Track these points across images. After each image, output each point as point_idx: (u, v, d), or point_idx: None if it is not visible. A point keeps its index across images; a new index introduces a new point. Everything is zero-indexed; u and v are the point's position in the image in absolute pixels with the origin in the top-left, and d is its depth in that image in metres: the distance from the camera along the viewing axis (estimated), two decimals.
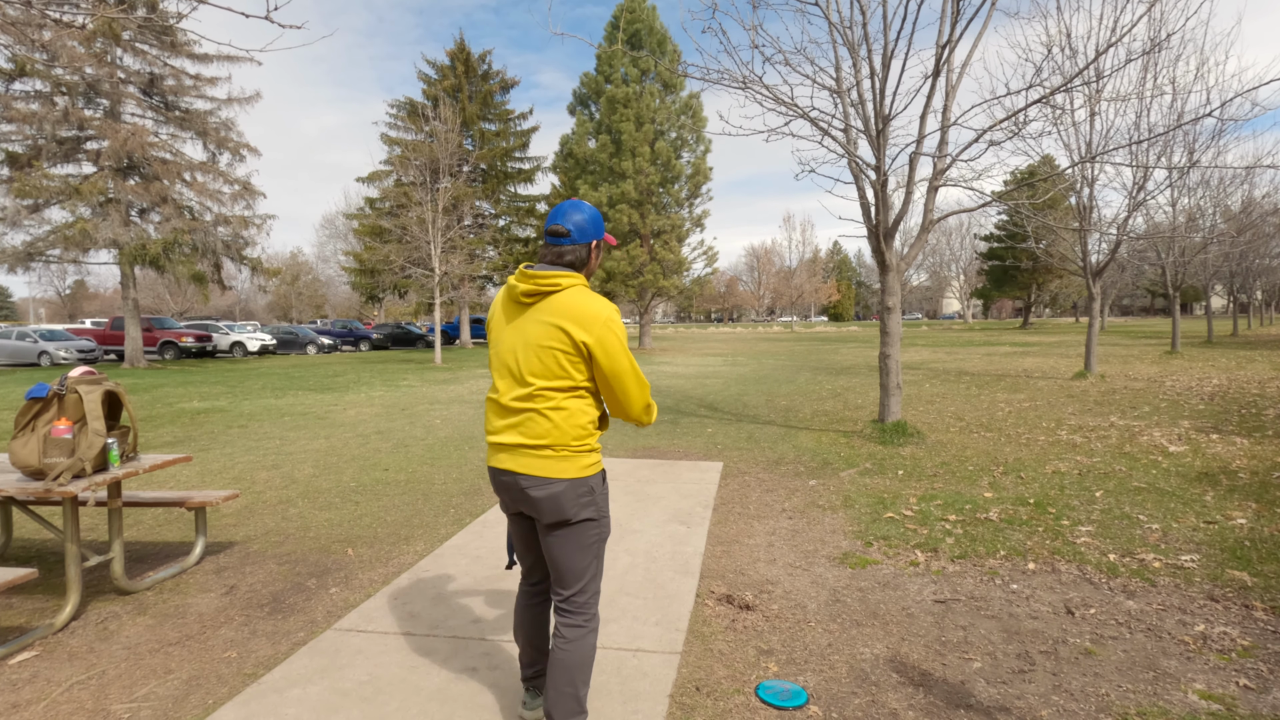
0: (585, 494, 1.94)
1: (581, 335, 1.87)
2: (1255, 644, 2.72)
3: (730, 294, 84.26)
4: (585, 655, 1.98)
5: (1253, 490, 4.88)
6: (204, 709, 2.37)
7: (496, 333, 2.03)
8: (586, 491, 1.94)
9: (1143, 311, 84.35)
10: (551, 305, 1.92)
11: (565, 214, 2.02)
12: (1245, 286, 27.53)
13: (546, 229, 2.02)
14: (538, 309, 1.94)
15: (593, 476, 1.96)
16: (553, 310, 1.91)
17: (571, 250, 2.02)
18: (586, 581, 2.00)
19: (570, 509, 1.92)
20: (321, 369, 19.30)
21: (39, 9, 3.90)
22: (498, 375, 2.01)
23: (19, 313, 75.00)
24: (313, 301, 60.19)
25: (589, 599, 2.02)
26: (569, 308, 1.89)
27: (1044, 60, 7.32)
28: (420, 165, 22.41)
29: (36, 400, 3.03)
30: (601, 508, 2.00)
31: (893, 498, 4.90)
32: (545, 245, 2.03)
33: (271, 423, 8.92)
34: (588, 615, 2.00)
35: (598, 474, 1.99)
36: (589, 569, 2.00)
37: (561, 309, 1.90)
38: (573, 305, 1.90)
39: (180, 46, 19.72)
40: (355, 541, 4.14)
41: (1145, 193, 12.01)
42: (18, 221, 17.98)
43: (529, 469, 1.92)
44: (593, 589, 2.03)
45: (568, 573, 1.99)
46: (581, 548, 1.97)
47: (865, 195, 7.18)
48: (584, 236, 2.02)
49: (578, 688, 1.96)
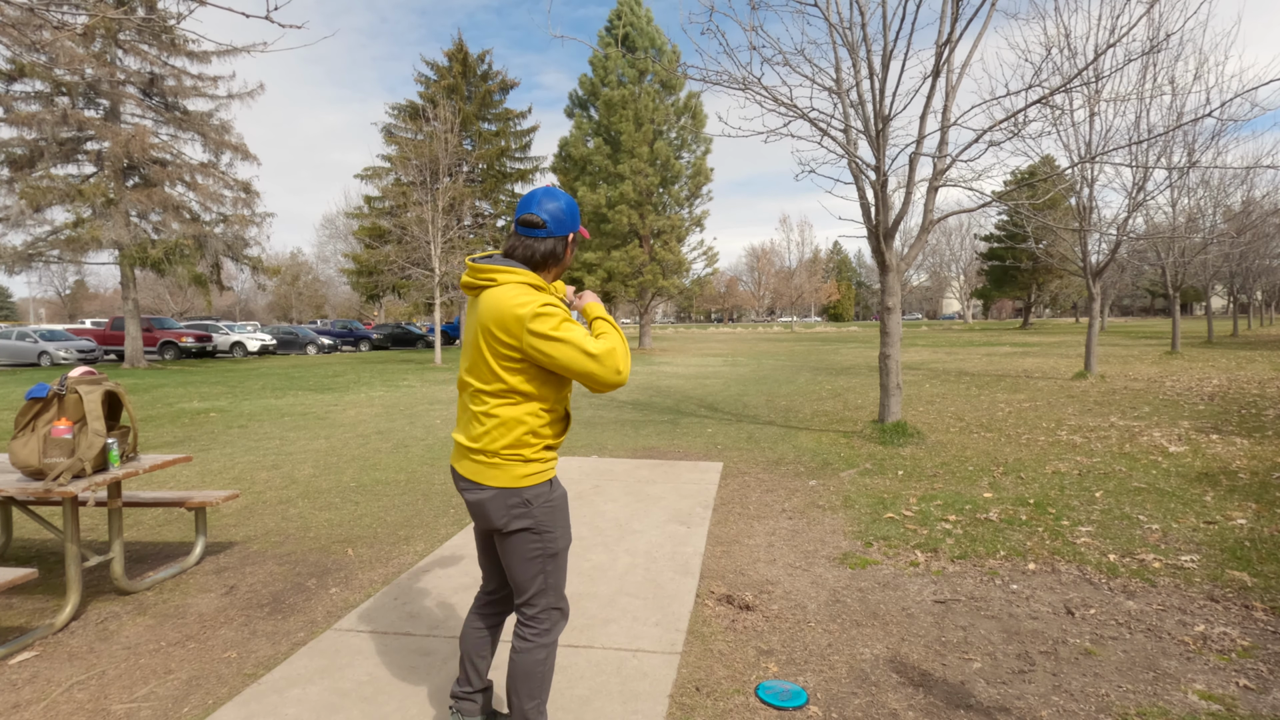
0: (517, 505, 1.82)
1: (506, 338, 1.74)
2: (1255, 644, 2.72)
3: (730, 294, 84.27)
4: (530, 668, 1.89)
5: (1253, 490, 4.88)
6: (204, 709, 2.37)
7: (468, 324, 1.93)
8: (519, 503, 1.82)
9: (1143, 312, 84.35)
10: (483, 303, 1.80)
11: (539, 202, 1.85)
12: (1245, 287, 27.53)
13: (517, 218, 1.85)
14: (476, 305, 1.83)
15: (529, 488, 1.83)
16: (483, 309, 1.80)
17: (545, 243, 1.87)
18: (532, 595, 1.90)
19: (498, 519, 1.83)
20: (321, 369, 19.30)
21: (39, 9, 3.90)
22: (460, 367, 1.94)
23: (19, 313, 75.00)
24: (313, 301, 60.21)
25: (539, 613, 1.91)
26: (494, 308, 1.76)
27: (1043, 61, 7.32)
28: (419, 165, 22.41)
29: (36, 400, 3.03)
30: (543, 521, 1.86)
31: (893, 498, 4.90)
32: (515, 236, 1.86)
33: (271, 423, 8.92)
34: (537, 630, 1.91)
35: (538, 485, 1.85)
36: (534, 582, 1.89)
37: (488, 308, 1.77)
38: (497, 305, 1.76)
39: (179, 46, 19.72)
40: (355, 541, 4.14)
41: (1145, 193, 12.01)
42: (20, 222, 17.99)
43: (465, 472, 1.86)
44: (543, 604, 1.91)
45: (515, 582, 1.92)
46: (523, 560, 1.87)
47: (865, 195, 7.18)
48: (560, 229, 1.88)
49: (524, 700, 1.90)
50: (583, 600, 3.20)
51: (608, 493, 5.14)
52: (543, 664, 1.91)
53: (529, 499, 1.84)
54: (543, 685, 1.92)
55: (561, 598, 1.96)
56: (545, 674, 1.92)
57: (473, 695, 2.10)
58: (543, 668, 1.91)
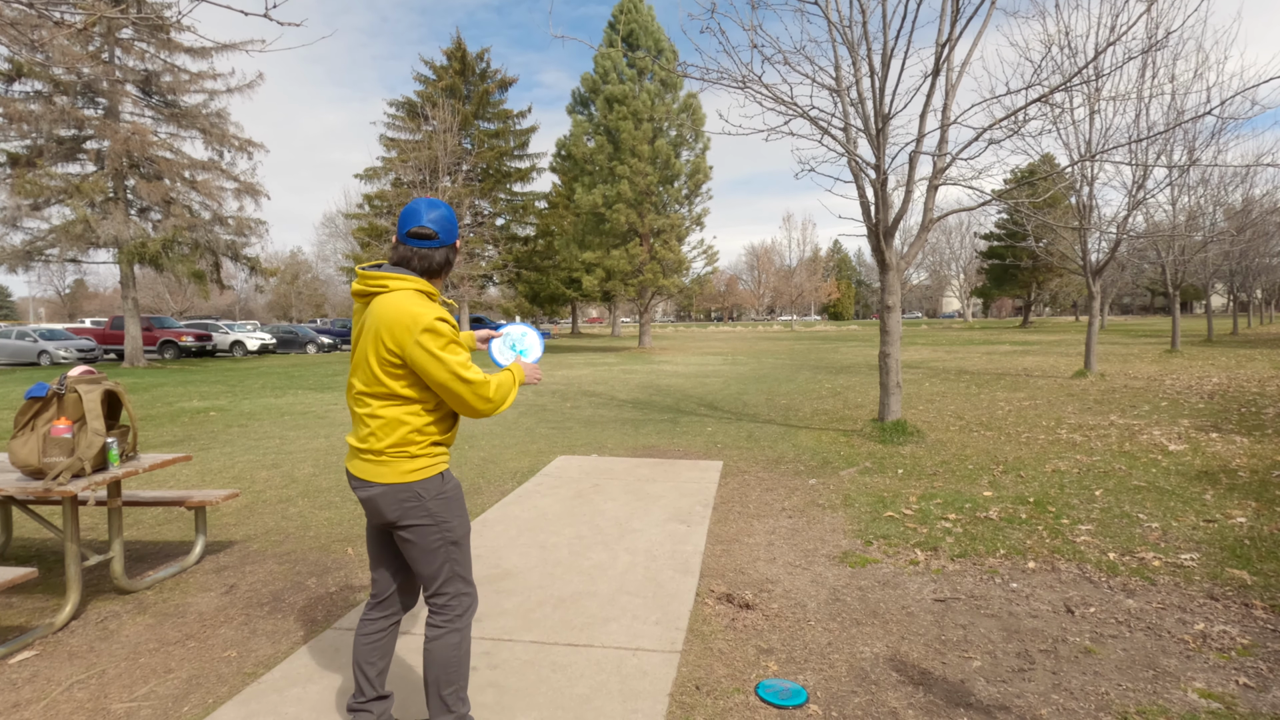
0: (409, 499, 1.89)
1: (391, 344, 1.80)
2: (1255, 642, 2.72)
3: (730, 293, 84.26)
4: (447, 654, 1.95)
5: (1252, 489, 4.89)
6: (204, 708, 2.37)
7: (354, 334, 1.97)
8: (410, 497, 1.89)
9: (1143, 310, 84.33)
10: (374, 309, 1.85)
11: (425, 214, 1.90)
12: (1245, 285, 27.52)
13: (407, 231, 1.89)
14: (368, 312, 1.88)
15: (419, 482, 1.90)
16: (374, 314, 1.84)
17: (439, 252, 1.94)
18: (441, 583, 1.98)
19: (391, 513, 1.89)
20: (321, 368, 19.30)
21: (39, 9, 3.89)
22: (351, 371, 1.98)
23: (19, 312, 74.97)
24: (312, 300, 60.19)
25: (448, 600, 1.99)
26: (385, 314, 1.81)
27: (1043, 59, 7.31)
28: (419, 165, 22.41)
29: (36, 399, 3.03)
30: (436, 513, 1.93)
31: (893, 497, 4.91)
32: (407, 249, 1.90)
33: (271, 422, 8.92)
34: (448, 616, 1.98)
35: (429, 479, 1.92)
36: (441, 571, 1.97)
37: (380, 314, 1.82)
38: (389, 311, 1.81)
39: (177, 43, 19.68)
40: (355, 540, 4.14)
41: (1145, 191, 12.01)
42: (19, 221, 17.98)
43: (356, 471, 1.93)
44: (452, 590, 1.99)
45: (420, 576, 1.99)
46: (426, 552, 1.94)
47: (865, 194, 7.18)
48: (449, 237, 1.95)
49: (441, 686, 1.95)
50: (583, 599, 3.20)
51: (608, 491, 5.14)
52: (457, 649, 1.97)
53: (419, 492, 1.91)
54: (459, 671, 1.98)
55: (470, 584, 2.04)
56: (461, 659, 1.98)
57: (367, 705, 2.08)
58: (457, 653, 1.97)
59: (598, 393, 11.99)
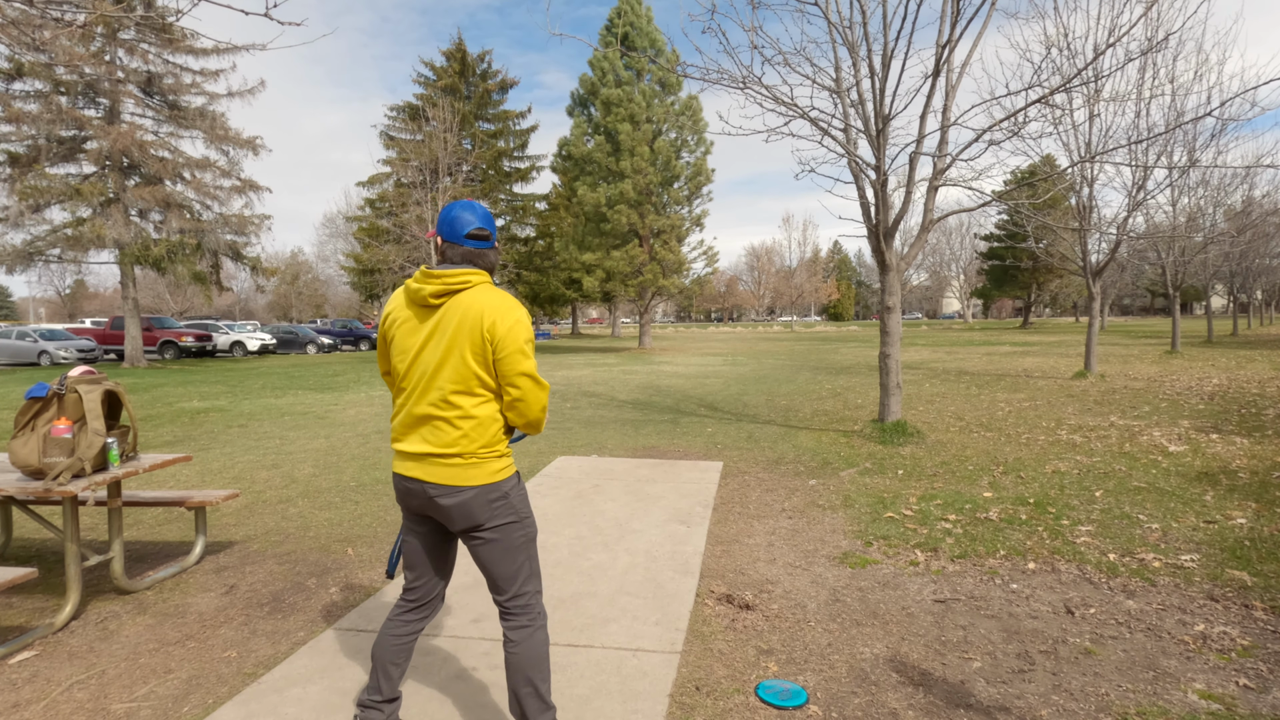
0: (498, 499, 1.91)
1: (489, 335, 1.83)
2: (1255, 644, 2.72)
3: (730, 294, 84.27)
4: (538, 651, 1.96)
5: (1253, 490, 4.89)
6: (204, 709, 2.37)
7: (403, 337, 1.93)
8: (499, 496, 1.91)
9: (1143, 311, 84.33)
10: (462, 304, 1.85)
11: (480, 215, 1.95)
12: (1245, 286, 27.52)
13: (466, 234, 1.93)
14: (449, 309, 1.87)
15: (505, 481, 1.93)
16: (463, 309, 1.84)
17: (494, 253, 2.01)
18: (522, 582, 1.98)
19: (481, 515, 1.90)
20: (321, 368, 19.30)
21: (39, 9, 3.89)
22: (404, 376, 1.93)
23: (19, 312, 74.98)
24: (313, 301, 60.19)
25: (530, 598, 2.00)
26: (481, 306, 1.84)
27: (1043, 60, 7.32)
28: (419, 165, 22.42)
29: (36, 400, 3.03)
30: (520, 510, 1.97)
31: (893, 497, 4.91)
32: (469, 249, 1.94)
33: (271, 422, 8.92)
34: (532, 614, 1.98)
35: (511, 476, 1.96)
36: (521, 570, 1.98)
37: (473, 307, 1.84)
38: (484, 303, 1.85)
39: (178, 43, 19.69)
40: (355, 541, 4.14)
41: (1145, 192, 12.01)
42: (19, 222, 17.97)
43: (437, 478, 1.88)
44: (531, 588, 2.01)
45: (500, 578, 1.97)
46: (509, 551, 1.95)
47: (865, 195, 7.18)
48: (494, 238, 2.03)
49: (537, 685, 1.95)
50: (583, 599, 3.20)
51: (608, 492, 5.14)
52: (545, 644, 1.99)
53: (506, 491, 1.93)
54: (548, 665, 2.00)
55: (540, 580, 2.09)
56: (547, 655, 2.00)
57: (380, 705, 2.07)
58: (546, 648, 1.99)
59: (598, 393, 12.00)
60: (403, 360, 1.92)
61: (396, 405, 1.98)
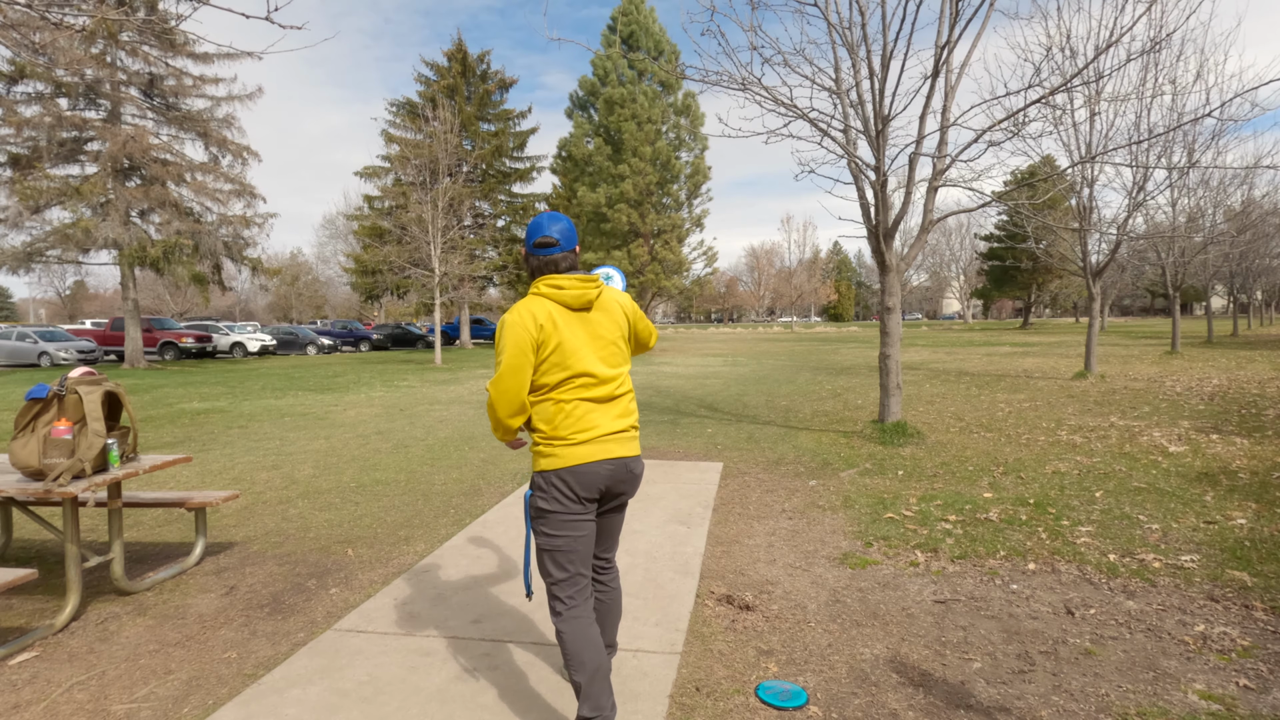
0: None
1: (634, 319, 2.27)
2: (1255, 644, 2.72)
3: (730, 294, 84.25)
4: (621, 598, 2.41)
5: (1253, 490, 4.88)
6: (204, 709, 2.37)
7: (570, 339, 2.06)
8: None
9: (1143, 311, 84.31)
10: (606, 302, 2.18)
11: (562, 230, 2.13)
12: (1245, 287, 27.51)
13: (566, 248, 2.14)
14: (598, 306, 2.17)
15: None
16: (608, 305, 2.18)
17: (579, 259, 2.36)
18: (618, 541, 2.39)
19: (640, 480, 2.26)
20: (321, 369, 19.30)
21: (39, 11, 3.90)
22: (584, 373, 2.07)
23: (19, 313, 74.99)
24: (313, 302, 60.19)
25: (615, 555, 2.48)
26: (619, 301, 2.24)
27: (1043, 61, 7.32)
28: (419, 165, 22.43)
29: (36, 401, 3.03)
30: None
31: (893, 498, 4.90)
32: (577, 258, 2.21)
33: (271, 423, 8.92)
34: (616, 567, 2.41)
35: None
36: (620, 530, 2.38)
37: (615, 302, 2.21)
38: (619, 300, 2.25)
39: (180, 46, 19.71)
40: (355, 542, 4.14)
41: (1145, 193, 12.01)
42: (19, 223, 17.98)
43: (629, 451, 2.15)
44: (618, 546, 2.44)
45: (614, 541, 2.33)
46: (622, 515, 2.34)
47: (865, 196, 7.18)
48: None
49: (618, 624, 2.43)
50: None
51: None
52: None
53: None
54: None
55: None
56: None
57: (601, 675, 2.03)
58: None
59: None
60: (577, 358, 2.07)
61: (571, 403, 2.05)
